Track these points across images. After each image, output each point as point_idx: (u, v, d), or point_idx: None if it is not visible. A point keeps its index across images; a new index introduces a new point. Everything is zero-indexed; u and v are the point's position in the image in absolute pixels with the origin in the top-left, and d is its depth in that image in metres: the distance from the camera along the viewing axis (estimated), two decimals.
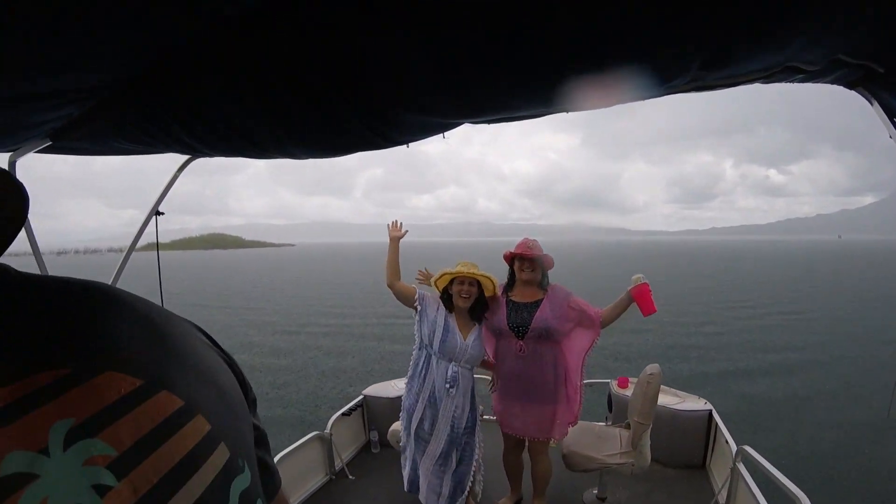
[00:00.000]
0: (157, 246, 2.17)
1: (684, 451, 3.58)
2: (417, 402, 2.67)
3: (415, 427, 2.67)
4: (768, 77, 1.30)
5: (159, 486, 0.38)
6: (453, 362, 2.65)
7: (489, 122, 1.45)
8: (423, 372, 2.67)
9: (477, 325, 2.75)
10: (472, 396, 2.73)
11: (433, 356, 2.65)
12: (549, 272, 2.89)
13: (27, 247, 1.80)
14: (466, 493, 2.71)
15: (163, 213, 2.09)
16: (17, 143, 1.43)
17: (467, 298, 2.66)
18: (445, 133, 1.52)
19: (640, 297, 2.62)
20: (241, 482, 0.45)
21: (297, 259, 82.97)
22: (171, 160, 2.00)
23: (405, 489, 2.76)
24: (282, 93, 1.18)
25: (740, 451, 2.83)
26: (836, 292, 24.62)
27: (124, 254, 2.11)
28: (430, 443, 2.65)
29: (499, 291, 2.82)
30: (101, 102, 1.19)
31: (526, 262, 2.80)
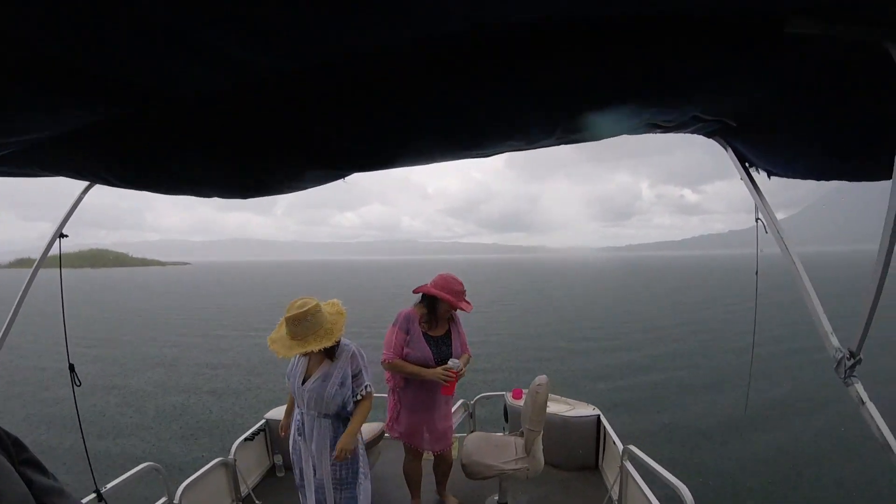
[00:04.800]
0: (59, 268, 2.05)
1: (578, 454, 3.85)
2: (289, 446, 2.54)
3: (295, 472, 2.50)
4: (637, 129, 1.48)
5: None
6: (298, 408, 2.45)
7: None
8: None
9: (330, 363, 2.37)
10: (357, 451, 2.41)
11: None
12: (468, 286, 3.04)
13: None
14: None
15: (66, 236, 2.01)
16: None
17: None
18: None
19: (446, 387, 2.82)
20: None
21: (176, 280, 76.13)
22: None
23: None
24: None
25: (626, 451, 3.07)
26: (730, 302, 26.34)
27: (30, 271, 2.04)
28: (305, 491, 2.45)
29: (341, 328, 2.35)
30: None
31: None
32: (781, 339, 14.68)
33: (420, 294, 2.93)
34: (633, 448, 3.00)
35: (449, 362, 2.80)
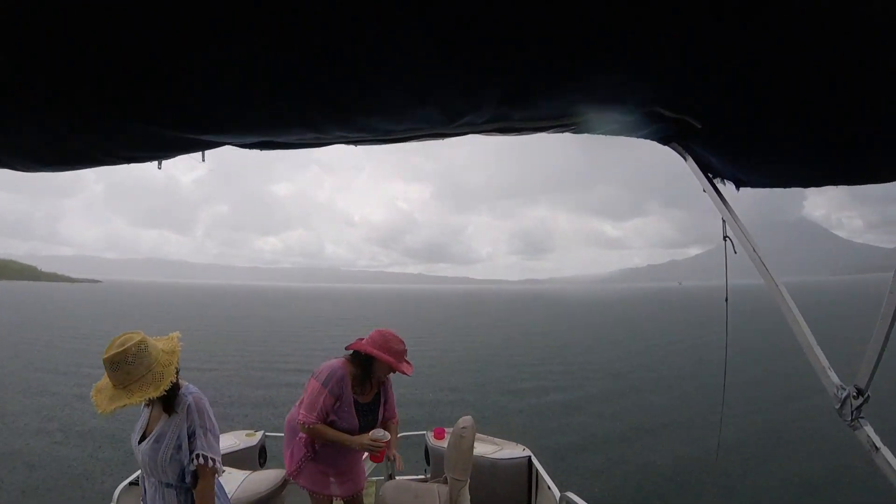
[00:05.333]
0: None
1: (508, 501, 3.46)
2: None
3: None
4: (578, 123, 1.27)
5: None
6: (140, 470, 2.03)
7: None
8: None
9: (167, 417, 1.89)
10: None
11: None
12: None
13: None
14: None
15: None
16: None
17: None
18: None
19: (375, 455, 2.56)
20: None
21: (84, 299, 69.11)
22: None
23: None
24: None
25: (564, 499, 2.75)
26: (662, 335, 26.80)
27: None
28: None
29: (173, 372, 1.84)
30: None
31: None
32: (751, 378, 13.30)
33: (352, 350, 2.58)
34: (571, 496, 2.69)
35: (372, 433, 2.47)
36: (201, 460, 1.87)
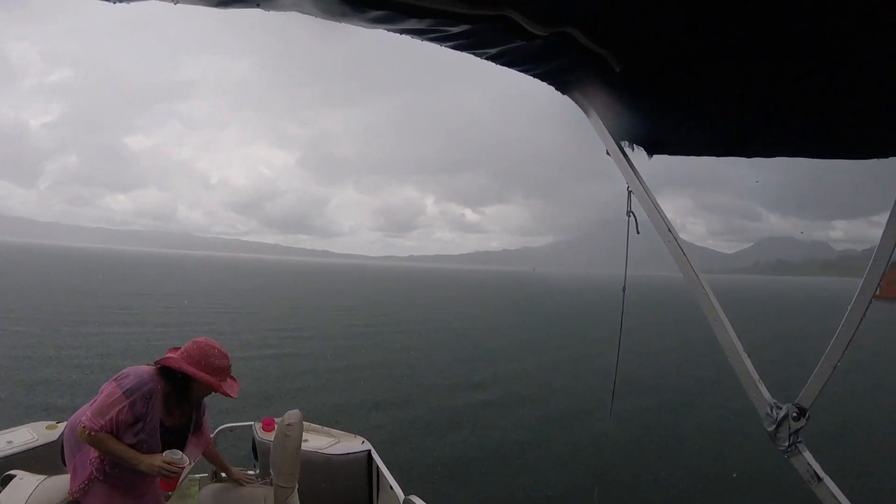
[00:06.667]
0: None
1: (347, 502, 3.19)
2: None
3: None
4: (472, 29, 0.90)
5: None
6: None
7: None
8: None
9: None
10: None
11: None
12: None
13: None
14: None
15: None
16: None
17: None
18: None
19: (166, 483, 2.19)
20: None
21: None
22: None
23: None
24: None
25: (408, 503, 2.53)
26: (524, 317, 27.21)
27: None
28: None
29: None
30: None
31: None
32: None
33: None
34: (415, 500, 2.51)
35: (167, 453, 2.08)
36: None
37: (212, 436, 2.45)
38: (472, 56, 1.02)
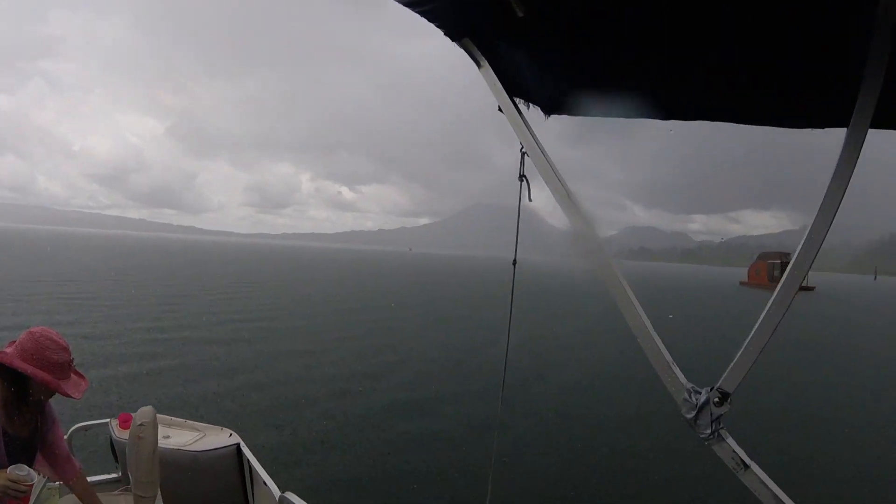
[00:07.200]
0: None
1: (219, 502, 2.89)
2: None
3: None
4: None
5: None
6: None
7: None
8: None
9: None
10: None
11: None
12: None
13: None
14: None
15: None
16: None
17: None
18: None
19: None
20: None
21: None
22: None
23: None
24: None
25: (283, 500, 2.35)
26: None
27: None
28: None
29: None
30: None
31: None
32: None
33: None
34: (291, 497, 2.34)
35: (10, 470, 1.72)
36: None
37: (78, 466, 2.01)
38: (366, 31, 0.83)
